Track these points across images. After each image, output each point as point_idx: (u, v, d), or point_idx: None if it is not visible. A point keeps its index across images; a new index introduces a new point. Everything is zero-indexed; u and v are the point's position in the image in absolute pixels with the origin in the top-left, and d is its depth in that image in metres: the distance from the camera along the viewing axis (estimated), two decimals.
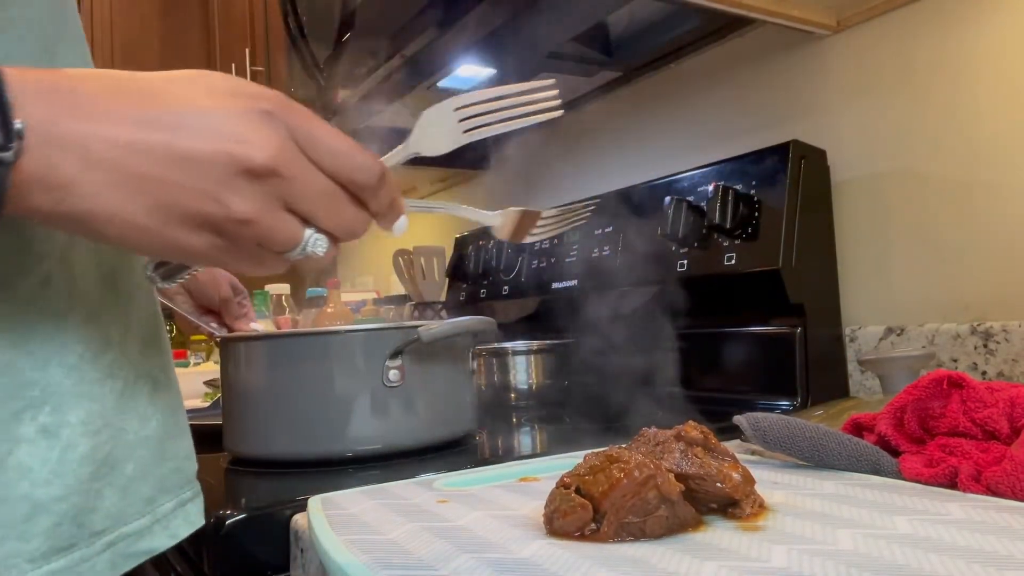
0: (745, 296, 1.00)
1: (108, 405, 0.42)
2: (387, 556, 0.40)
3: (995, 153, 0.87)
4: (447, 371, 0.80)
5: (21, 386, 0.38)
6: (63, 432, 0.39)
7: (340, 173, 0.36)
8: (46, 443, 0.38)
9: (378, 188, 0.37)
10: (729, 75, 1.18)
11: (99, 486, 0.41)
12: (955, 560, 0.35)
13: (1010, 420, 0.52)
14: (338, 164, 0.35)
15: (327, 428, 0.74)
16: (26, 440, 0.37)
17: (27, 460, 0.37)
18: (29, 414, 0.38)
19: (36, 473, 0.38)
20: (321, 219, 0.35)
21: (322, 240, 0.36)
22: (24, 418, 0.38)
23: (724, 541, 0.41)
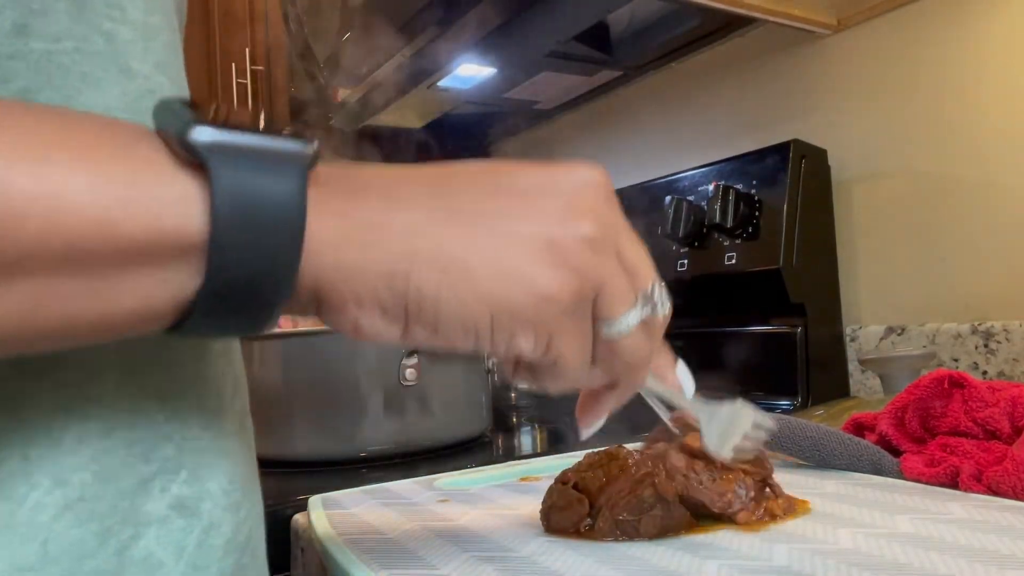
0: (745, 296, 1.00)
1: (245, 467, 0.32)
2: (387, 555, 0.40)
3: (996, 153, 0.87)
4: (463, 370, 0.80)
5: (153, 443, 0.28)
6: (203, 507, 0.29)
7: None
8: (182, 523, 0.28)
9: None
10: (729, 75, 1.18)
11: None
12: (956, 559, 0.35)
13: (1011, 420, 0.52)
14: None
15: (342, 428, 0.74)
16: (156, 520, 0.27)
17: (156, 550, 0.27)
18: (159, 483, 0.28)
19: (167, 569, 0.27)
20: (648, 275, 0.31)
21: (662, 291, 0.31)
22: (153, 489, 0.27)
23: (725, 540, 0.41)
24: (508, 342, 0.28)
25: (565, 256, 0.27)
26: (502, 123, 1.60)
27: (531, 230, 0.27)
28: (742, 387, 1.00)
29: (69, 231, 0.21)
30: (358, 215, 0.26)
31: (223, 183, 0.22)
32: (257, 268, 0.23)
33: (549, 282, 0.27)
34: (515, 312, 0.27)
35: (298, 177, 0.24)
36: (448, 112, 1.48)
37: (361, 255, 0.25)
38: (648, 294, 0.30)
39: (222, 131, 0.23)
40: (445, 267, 0.26)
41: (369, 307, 0.26)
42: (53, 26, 0.26)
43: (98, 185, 0.21)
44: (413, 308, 0.26)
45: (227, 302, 0.24)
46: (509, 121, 1.58)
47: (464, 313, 0.27)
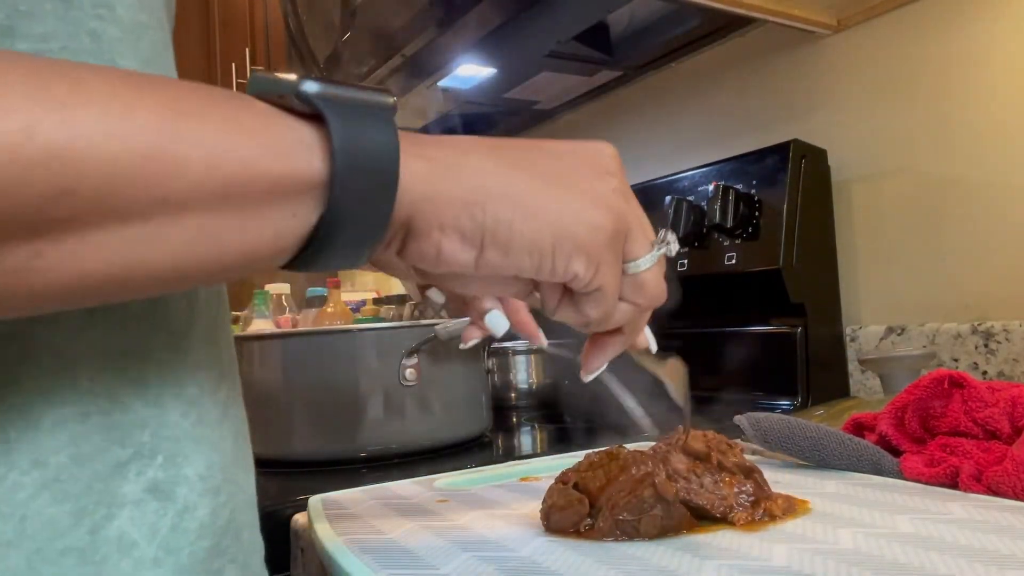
0: (746, 295, 1.00)
1: (227, 453, 0.33)
2: (387, 555, 0.40)
3: (996, 153, 0.87)
4: (463, 370, 0.80)
5: (129, 428, 0.29)
6: (178, 491, 0.30)
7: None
8: (156, 506, 0.29)
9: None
10: (730, 75, 1.18)
11: (219, 564, 0.31)
12: (956, 559, 0.35)
13: (1011, 420, 0.52)
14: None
15: (342, 428, 0.74)
16: (130, 502, 0.28)
17: (130, 530, 0.28)
18: (135, 467, 0.29)
19: (142, 549, 0.28)
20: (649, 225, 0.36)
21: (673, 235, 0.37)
22: (129, 472, 0.29)
23: (725, 540, 0.41)
24: (566, 265, 0.32)
25: (604, 200, 0.33)
26: (502, 123, 1.60)
27: (575, 179, 0.33)
28: (742, 387, 1.00)
29: (223, 173, 0.24)
30: (437, 157, 0.30)
31: (337, 128, 0.26)
32: (367, 200, 0.27)
33: (598, 216, 0.32)
34: (573, 237, 0.32)
35: (389, 121, 0.28)
36: (448, 112, 1.48)
37: (445, 188, 0.29)
38: (662, 237, 0.36)
39: (327, 85, 0.27)
40: (515, 200, 0.31)
41: (451, 232, 0.30)
42: (39, 27, 0.28)
43: (243, 135, 0.25)
44: (489, 233, 0.30)
45: (341, 231, 0.27)
46: (509, 121, 1.58)
47: (533, 237, 0.31)
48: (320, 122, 0.27)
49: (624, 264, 0.35)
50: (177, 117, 0.24)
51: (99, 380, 0.29)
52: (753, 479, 0.45)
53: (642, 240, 0.35)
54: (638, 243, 0.35)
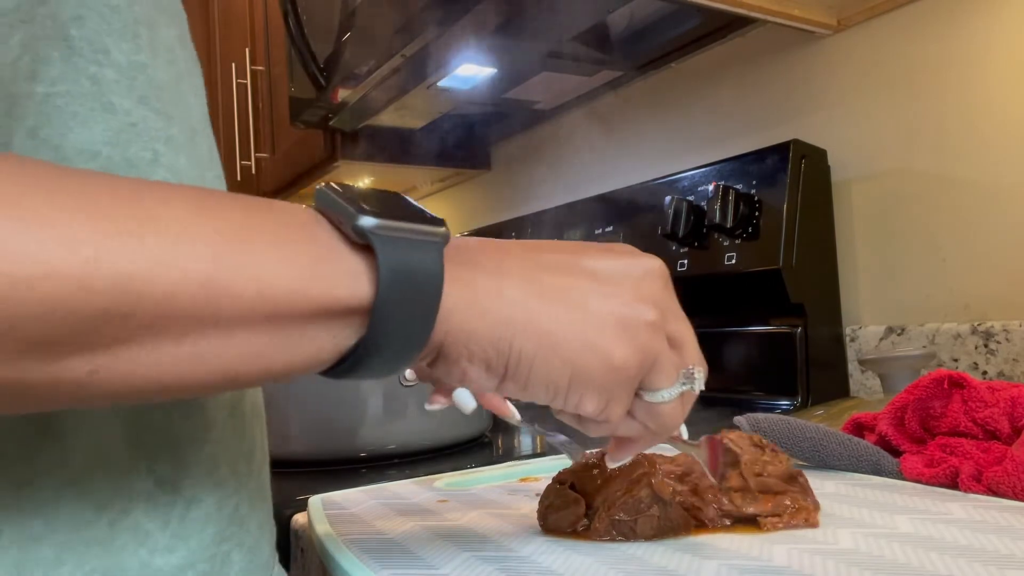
0: (745, 296, 1.00)
1: (232, 447, 0.37)
2: (387, 555, 0.40)
3: (996, 153, 0.87)
4: None
5: (139, 430, 0.33)
6: (184, 484, 0.33)
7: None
8: (167, 498, 0.33)
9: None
10: (729, 75, 1.18)
11: (227, 548, 0.35)
12: (956, 560, 0.35)
13: (1011, 420, 0.52)
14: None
15: (342, 428, 0.74)
16: (144, 496, 0.32)
17: (144, 521, 0.32)
18: (146, 464, 0.32)
19: (155, 537, 0.32)
20: (692, 351, 0.36)
21: (702, 373, 0.36)
22: (141, 469, 0.32)
23: (724, 540, 0.41)
24: (578, 402, 0.33)
25: (633, 335, 0.33)
26: (502, 123, 1.60)
27: (607, 309, 0.33)
28: (742, 387, 1.00)
29: (272, 299, 0.26)
30: (478, 285, 0.31)
31: (385, 260, 0.28)
32: (406, 327, 0.29)
33: (620, 355, 0.33)
34: (588, 378, 0.33)
35: (439, 254, 0.30)
36: (448, 112, 1.48)
37: (479, 322, 0.31)
38: (689, 373, 0.36)
39: (383, 219, 0.28)
40: (541, 336, 0.32)
41: (478, 363, 0.32)
42: (50, 72, 0.31)
43: (293, 264, 0.27)
44: (512, 367, 0.32)
45: (378, 353, 0.29)
46: (509, 121, 1.58)
47: (551, 376, 0.32)
48: (370, 251, 0.29)
49: (642, 391, 0.35)
50: (235, 244, 0.26)
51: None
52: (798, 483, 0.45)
53: (667, 373, 0.35)
54: (662, 376, 0.35)
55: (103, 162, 0.32)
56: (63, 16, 0.31)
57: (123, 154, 0.33)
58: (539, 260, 0.33)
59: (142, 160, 0.34)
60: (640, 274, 0.35)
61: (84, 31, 0.32)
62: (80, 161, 0.32)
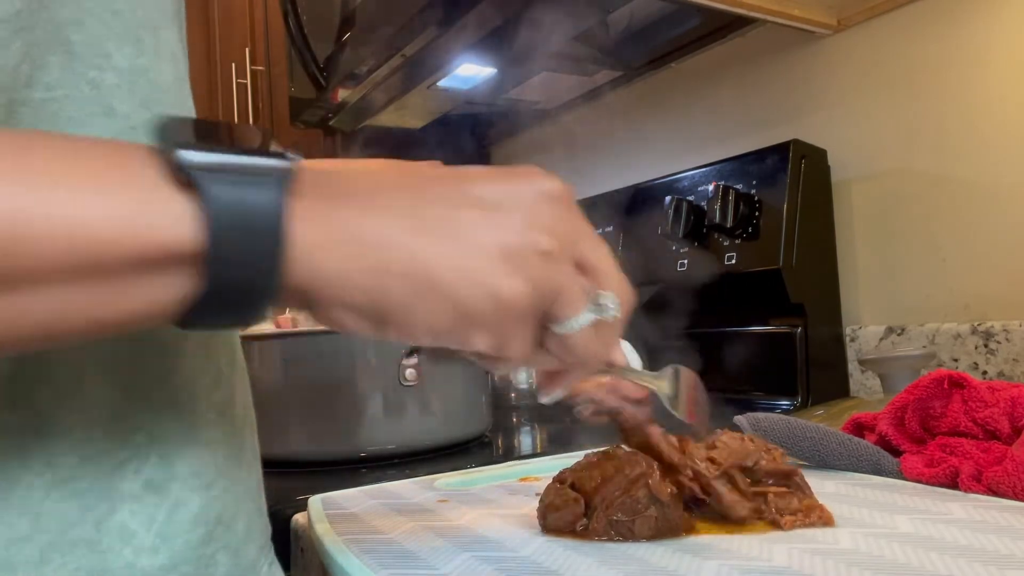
0: (745, 296, 1.00)
1: (220, 452, 0.36)
2: (387, 555, 0.40)
3: (996, 153, 0.87)
4: (463, 370, 0.80)
5: (127, 432, 0.32)
6: (171, 487, 0.33)
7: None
8: (154, 500, 0.33)
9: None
10: (729, 75, 1.18)
11: (212, 550, 0.35)
12: (956, 559, 0.35)
13: (1011, 420, 0.52)
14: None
15: (342, 428, 0.74)
16: (130, 497, 0.32)
17: (130, 522, 0.32)
18: (133, 465, 0.32)
19: (140, 538, 0.32)
20: (608, 275, 0.34)
21: (613, 298, 0.33)
22: (128, 470, 0.32)
23: (724, 540, 0.41)
24: (468, 341, 0.31)
25: (523, 266, 0.30)
26: (502, 123, 1.60)
27: (493, 240, 0.30)
28: (742, 387, 1.00)
29: (86, 248, 0.24)
30: (339, 223, 0.28)
31: (213, 199, 0.25)
32: (247, 272, 0.26)
33: (507, 290, 0.30)
34: (475, 316, 0.30)
35: (279, 190, 0.26)
36: (448, 112, 1.48)
37: (342, 263, 0.28)
38: (598, 301, 0.33)
39: (207, 153, 0.26)
40: (415, 277, 0.29)
41: (350, 310, 0.29)
42: (47, 77, 0.31)
43: (108, 208, 0.24)
44: (389, 311, 0.29)
45: (223, 301, 0.27)
46: (509, 121, 1.58)
47: (430, 318, 0.29)
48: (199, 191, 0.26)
49: (550, 324, 0.32)
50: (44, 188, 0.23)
51: (101, 390, 0.31)
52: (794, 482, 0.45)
53: (571, 302, 0.32)
54: (565, 306, 0.32)
55: None
56: (62, 20, 0.31)
57: None
58: (420, 190, 0.30)
59: None
60: (533, 198, 0.31)
61: (84, 35, 0.32)
62: None
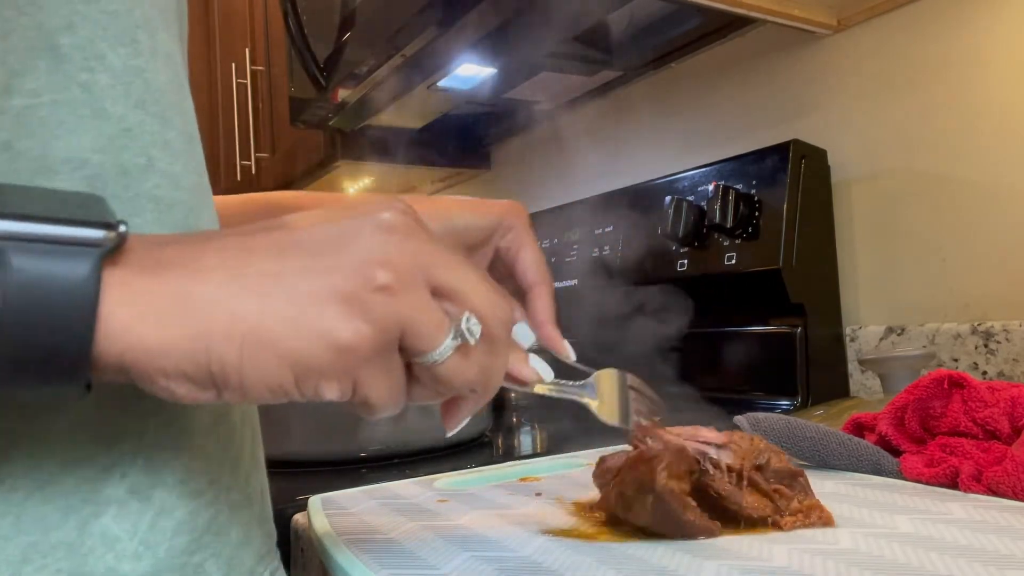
0: (745, 296, 1.00)
1: (214, 456, 0.36)
2: (387, 555, 0.40)
3: (996, 153, 0.87)
4: None
5: (112, 438, 0.32)
6: (156, 493, 0.33)
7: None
8: (137, 506, 0.32)
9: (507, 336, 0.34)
10: (730, 75, 1.18)
11: (200, 559, 0.34)
12: (956, 559, 0.35)
13: (1011, 420, 0.52)
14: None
15: (342, 428, 0.74)
16: (115, 502, 0.32)
17: (113, 527, 0.31)
18: (119, 470, 0.32)
19: (123, 544, 0.32)
20: (470, 296, 0.32)
21: (476, 321, 0.31)
22: (113, 475, 0.32)
23: (724, 540, 0.41)
24: (315, 392, 0.29)
25: (361, 307, 0.29)
26: (502, 123, 1.60)
27: (323, 285, 0.29)
28: (742, 387, 1.00)
29: None
30: (159, 292, 0.27)
31: (13, 268, 0.24)
32: (48, 346, 0.25)
33: (345, 334, 0.28)
34: (315, 367, 0.28)
35: (91, 263, 0.26)
36: (448, 112, 1.48)
37: (162, 333, 0.27)
38: (459, 326, 0.31)
39: (17, 222, 0.25)
40: (243, 337, 0.27)
41: (177, 378, 0.27)
42: (32, 83, 0.30)
43: None
44: (219, 377, 0.28)
45: (26, 373, 0.25)
46: (509, 121, 1.58)
47: (267, 377, 0.28)
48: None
49: (412, 358, 0.31)
50: None
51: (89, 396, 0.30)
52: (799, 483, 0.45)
53: (425, 333, 0.30)
54: (420, 337, 0.30)
55: (93, 169, 0.32)
56: (51, 25, 0.31)
57: (115, 160, 0.33)
58: (246, 245, 0.29)
59: (135, 167, 0.33)
60: (367, 233, 0.30)
61: (76, 38, 0.32)
62: (66, 170, 0.31)
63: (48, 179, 0.31)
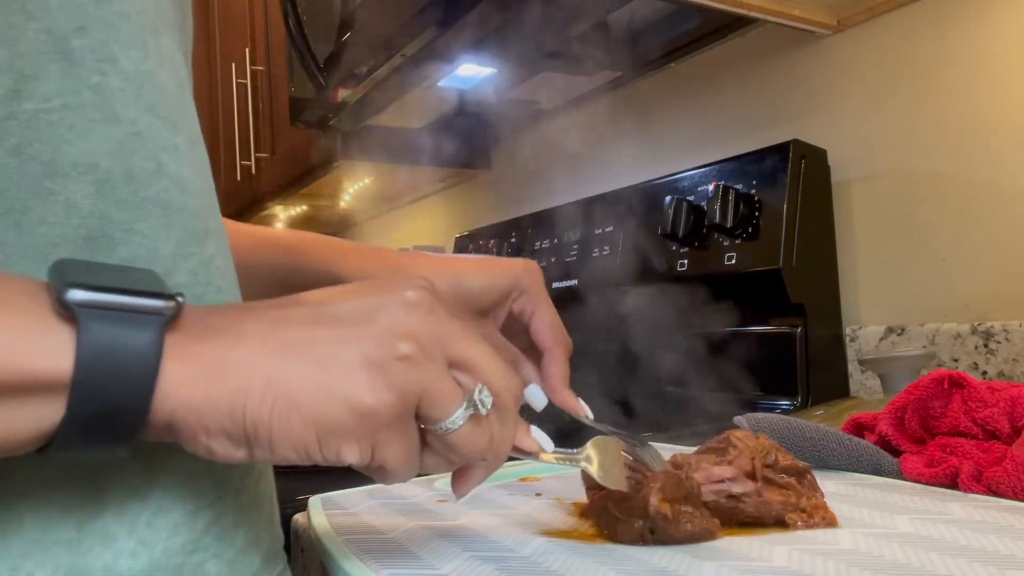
0: (745, 296, 1.00)
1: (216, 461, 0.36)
2: (387, 555, 0.40)
3: (995, 153, 0.87)
4: None
5: None
6: (153, 494, 0.34)
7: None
8: (136, 506, 0.33)
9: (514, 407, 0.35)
10: (729, 75, 1.18)
11: (199, 559, 0.35)
12: (956, 560, 0.35)
13: (1011, 420, 0.52)
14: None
15: None
16: (113, 502, 0.33)
17: (112, 526, 0.32)
18: (119, 473, 0.33)
19: (121, 542, 0.32)
20: (483, 368, 0.34)
21: (488, 392, 0.33)
22: (113, 476, 0.33)
23: (724, 541, 0.41)
24: (336, 455, 0.31)
25: (384, 375, 0.31)
26: (502, 123, 1.60)
27: (351, 353, 0.31)
28: (742, 387, 1.00)
29: None
30: (206, 355, 0.29)
31: (88, 335, 0.27)
32: (112, 407, 0.27)
33: (369, 399, 0.30)
34: (338, 430, 0.30)
35: (156, 330, 0.28)
36: (448, 112, 1.48)
37: (207, 392, 0.29)
38: (472, 397, 0.33)
39: (91, 293, 0.27)
40: (275, 398, 0.30)
41: (216, 435, 0.30)
42: (43, 87, 0.31)
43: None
44: (251, 435, 0.30)
45: (85, 433, 0.28)
46: (509, 121, 1.58)
47: (293, 437, 0.30)
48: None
49: (427, 425, 0.33)
50: None
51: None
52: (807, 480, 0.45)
53: (441, 403, 0.32)
54: (436, 406, 0.32)
55: (102, 174, 0.32)
56: (62, 29, 0.31)
57: (125, 165, 0.33)
58: (283, 315, 0.32)
59: (144, 171, 0.34)
60: (393, 308, 0.32)
61: (87, 40, 0.32)
62: (76, 173, 0.32)
63: (57, 183, 0.31)
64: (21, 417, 0.27)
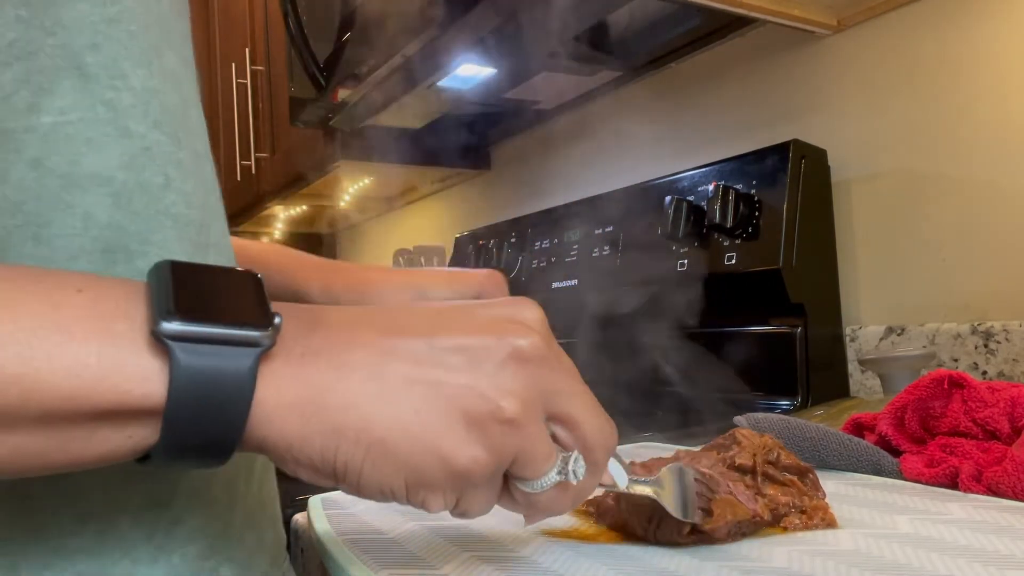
0: (745, 296, 1.00)
1: (228, 467, 0.35)
2: (387, 555, 0.40)
3: (995, 153, 0.87)
4: None
5: None
6: (173, 503, 0.34)
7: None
8: (153, 514, 0.33)
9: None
10: (729, 75, 1.18)
11: (214, 564, 0.35)
12: (956, 560, 0.35)
13: (1011, 420, 0.52)
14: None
15: None
16: (132, 510, 0.33)
17: (130, 533, 0.33)
18: (138, 479, 0.33)
19: (140, 550, 0.33)
20: (582, 425, 0.32)
21: (582, 463, 0.32)
22: (132, 485, 0.33)
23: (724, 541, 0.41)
24: (421, 503, 0.31)
25: (482, 434, 0.30)
26: (502, 123, 1.60)
27: (453, 407, 0.29)
28: (742, 387, 1.00)
29: (45, 401, 0.25)
30: (304, 383, 0.29)
31: (182, 365, 0.26)
32: (206, 434, 0.27)
33: (463, 459, 0.29)
34: (428, 483, 0.30)
35: (251, 359, 0.27)
36: (448, 112, 1.48)
37: (302, 427, 0.28)
38: (565, 463, 0.32)
39: (186, 324, 0.26)
40: (370, 445, 0.29)
41: (305, 465, 0.29)
42: (60, 101, 0.31)
43: (73, 363, 0.25)
44: (340, 474, 0.29)
45: (181, 453, 0.28)
46: (509, 121, 1.58)
47: (382, 482, 0.30)
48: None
49: (514, 480, 0.32)
50: (12, 343, 0.24)
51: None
52: (809, 479, 0.45)
53: (533, 465, 0.31)
54: (531, 468, 0.31)
55: (117, 186, 0.33)
56: (77, 45, 0.32)
57: (137, 178, 0.33)
58: (392, 347, 0.30)
59: (155, 185, 0.34)
60: (503, 357, 0.30)
61: (100, 57, 0.32)
62: (93, 186, 0.32)
63: (76, 195, 0.32)
64: (115, 439, 0.27)
